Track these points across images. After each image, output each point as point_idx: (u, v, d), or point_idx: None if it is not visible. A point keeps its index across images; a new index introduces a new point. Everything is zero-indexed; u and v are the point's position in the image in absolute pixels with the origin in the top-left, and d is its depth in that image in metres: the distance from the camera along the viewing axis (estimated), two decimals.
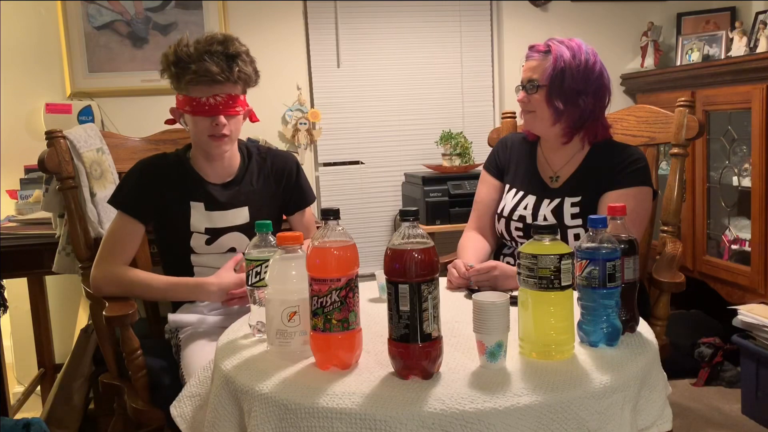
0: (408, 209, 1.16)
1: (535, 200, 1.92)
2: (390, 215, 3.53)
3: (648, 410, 1.22)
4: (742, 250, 2.92)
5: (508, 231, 1.95)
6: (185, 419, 1.44)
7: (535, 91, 1.85)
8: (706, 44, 3.33)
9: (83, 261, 1.92)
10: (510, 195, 1.98)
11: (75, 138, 1.91)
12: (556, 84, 1.84)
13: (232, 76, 1.77)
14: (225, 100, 1.77)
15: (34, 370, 2.87)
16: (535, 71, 1.86)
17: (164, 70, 1.82)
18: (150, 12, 3.09)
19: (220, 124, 1.78)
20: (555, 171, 1.94)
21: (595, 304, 1.25)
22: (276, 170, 1.97)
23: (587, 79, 1.84)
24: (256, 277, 1.40)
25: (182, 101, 1.81)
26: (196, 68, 1.73)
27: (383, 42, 3.44)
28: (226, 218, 1.87)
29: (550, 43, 1.88)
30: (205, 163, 1.88)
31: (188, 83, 1.76)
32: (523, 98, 1.88)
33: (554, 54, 1.84)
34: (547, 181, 1.95)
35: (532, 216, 1.90)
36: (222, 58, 1.75)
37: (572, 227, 1.85)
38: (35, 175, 2.73)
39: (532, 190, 1.94)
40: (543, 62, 1.86)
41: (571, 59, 1.84)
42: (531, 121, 1.90)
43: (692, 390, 2.88)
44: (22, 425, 1.98)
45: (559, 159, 1.94)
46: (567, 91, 1.84)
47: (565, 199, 1.88)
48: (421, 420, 1.04)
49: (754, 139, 2.75)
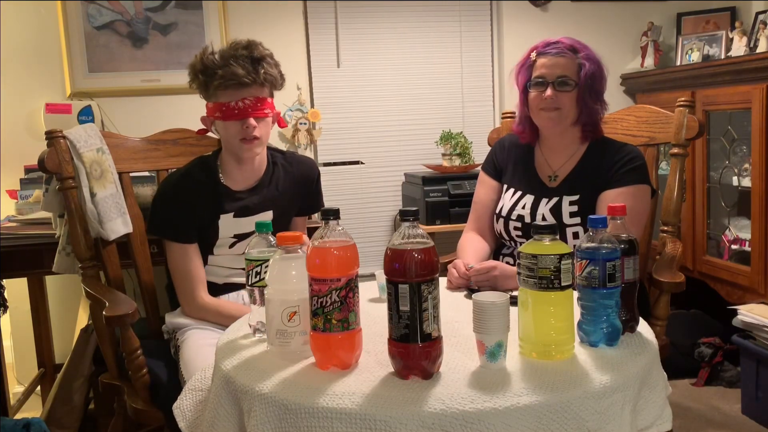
0: (408, 209, 1.16)
1: (533, 200, 1.92)
2: (390, 215, 3.53)
3: (648, 410, 1.22)
4: (742, 250, 2.92)
5: (506, 231, 1.95)
6: (186, 419, 1.44)
7: (570, 89, 1.85)
8: (706, 44, 3.33)
9: (83, 261, 1.92)
10: (508, 195, 1.98)
11: (75, 138, 1.91)
12: (589, 84, 1.85)
13: (258, 78, 1.79)
14: (253, 103, 1.80)
15: (34, 370, 2.87)
16: (566, 69, 1.85)
17: (192, 80, 1.85)
18: (150, 12, 3.09)
19: (251, 126, 1.80)
20: (554, 170, 1.94)
21: (595, 304, 1.25)
22: (301, 176, 2.02)
23: (605, 81, 1.91)
24: (256, 277, 1.40)
25: (212, 108, 1.84)
26: (223, 73, 1.77)
27: (383, 42, 3.44)
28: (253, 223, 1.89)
29: (574, 43, 1.88)
30: (236, 167, 1.91)
31: (216, 88, 1.79)
32: (551, 95, 1.85)
33: (584, 54, 1.85)
34: (545, 180, 1.95)
35: (531, 215, 1.90)
36: (248, 61, 1.79)
37: (571, 226, 1.85)
38: (35, 175, 2.72)
39: (530, 189, 1.94)
40: (573, 61, 1.85)
41: (598, 61, 1.87)
42: (557, 118, 1.87)
43: (692, 390, 2.88)
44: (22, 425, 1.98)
45: (558, 158, 1.94)
46: (596, 92, 1.87)
47: (563, 197, 1.88)
48: (421, 420, 1.04)
49: (754, 139, 2.75)
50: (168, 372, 1.78)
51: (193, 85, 1.86)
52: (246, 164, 1.91)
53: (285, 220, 1.99)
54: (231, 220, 1.89)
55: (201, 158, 1.96)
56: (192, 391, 1.48)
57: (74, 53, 3.02)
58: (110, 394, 1.89)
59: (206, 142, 2.11)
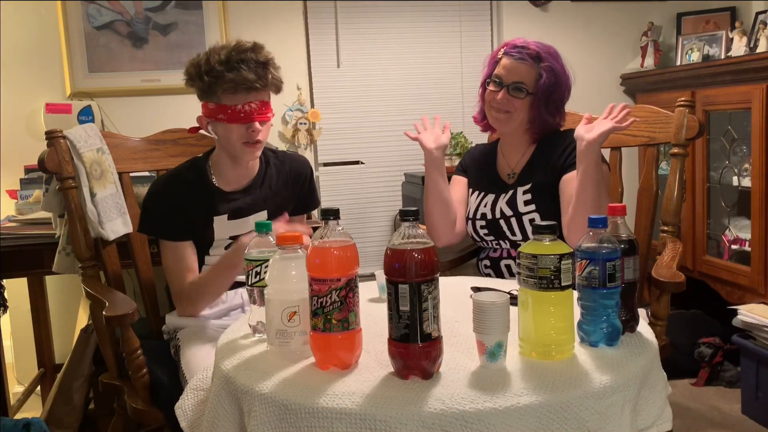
0: (408, 209, 1.16)
1: (493, 198, 2.00)
2: (390, 215, 3.53)
3: (648, 410, 1.22)
4: (742, 250, 2.92)
5: (475, 231, 2.03)
6: (187, 419, 1.44)
7: (522, 96, 1.87)
8: (706, 44, 3.33)
9: (83, 261, 1.92)
10: (473, 198, 2.07)
11: (75, 138, 1.91)
12: (545, 95, 1.88)
13: (266, 83, 1.79)
14: (259, 107, 1.79)
15: (34, 370, 2.87)
16: (524, 76, 1.89)
17: (193, 80, 1.81)
18: (150, 12, 3.09)
19: (256, 131, 1.80)
20: (512, 168, 2.02)
21: (595, 304, 1.25)
22: (294, 174, 2.01)
23: (568, 91, 1.95)
24: (256, 277, 1.40)
25: (214, 109, 1.80)
26: (234, 76, 1.74)
27: (383, 42, 3.44)
28: (248, 224, 1.90)
29: (538, 50, 1.89)
30: (230, 168, 1.90)
31: (225, 91, 1.77)
32: (503, 98, 1.90)
33: (547, 65, 1.87)
34: (505, 179, 2.03)
35: (491, 211, 1.98)
36: (257, 65, 1.77)
37: (526, 213, 1.92)
38: (35, 175, 2.72)
39: (491, 189, 2.03)
40: (533, 69, 1.88)
41: (561, 72, 1.90)
42: (505, 121, 1.94)
43: (692, 390, 2.88)
44: (22, 425, 1.98)
45: (515, 156, 2.03)
46: (552, 102, 1.91)
47: (517, 189, 1.96)
48: (421, 420, 1.04)
49: (754, 139, 2.75)
50: (168, 372, 1.77)
51: (194, 85, 1.82)
52: (240, 165, 1.90)
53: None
54: (225, 222, 1.89)
55: (192, 159, 1.96)
56: (194, 391, 1.48)
57: (74, 53, 3.02)
58: (110, 394, 1.89)
59: (206, 142, 2.11)
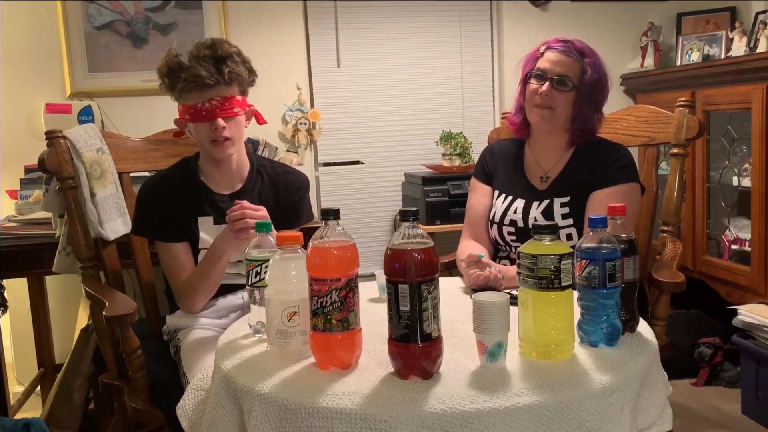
0: (408, 209, 1.16)
1: (524, 203, 1.91)
2: (390, 215, 3.53)
3: (648, 410, 1.22)
4: (742, 250, 2.92)
5: (501, 236, 1.95)
6: (189, 419, 1.44)
7: (567, 90, 1.83)
8: (706, 44, 3.33)
9: (83, 261, 1.92)
10: (500, 200, 1.98)
11: (75, 138, 1.91)
12: (588, 92, 1.83)
13: (222, 78, 1.77)
14: (220, 103, 1.78)
15: (34, 370, 2.87)
16: (569, 69, 1.83)
17: (161, 83, 1.83)
18: (150, 12, 3.09)
19: (219, 127, 1.78)
20: (545, 171, 1.94)
21: (595, 304, 1.26)
22: (285, 186, 1.96)
23: (608, 93, 1.90)
24: (256, 277, 1.40)
25: (182, 110, 1.82)
26: (186, 75, 1.75)
27: (383, 42, 3.44)
28: None
29: (585, 48, 1.86)
30: (214, 170, 1.89)
31: (181, 91, 1.78)
32: (547, 90, 1.83)
33: (591, 61, 1.84)
34: (535, 183, 1.94)
35: (523, 219, 1.89)
36: (210, 62, 1.76)
37: (564, 227, 1.85)
38: (35, 175, 2.73)
39: (521, 193, 1.94)
40: (577, 63, 1.84)
41: (603, 71, 1.86)
42: (548, 117, 1.86)
43: (692, 390, 2.88)
44: (22, 425, 1.98)
45: (549, 159, 1.94)
46: (595, 102, 1.86)
47: (554, 199, 1.88)
48: (421, 420, 1.04)
49: (754, 139, 2.75)
50: (168, 372, 1.77)
51: (162, 88, 1.84)
52: (224, 165, 1.88)
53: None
54: (211, 225, 1.86)
55: (183, 159, 1.97)
56: (195, 391, 1.48)
57: (74, 53, 3.02)
58: (110, 394, 1.89)
59: None
